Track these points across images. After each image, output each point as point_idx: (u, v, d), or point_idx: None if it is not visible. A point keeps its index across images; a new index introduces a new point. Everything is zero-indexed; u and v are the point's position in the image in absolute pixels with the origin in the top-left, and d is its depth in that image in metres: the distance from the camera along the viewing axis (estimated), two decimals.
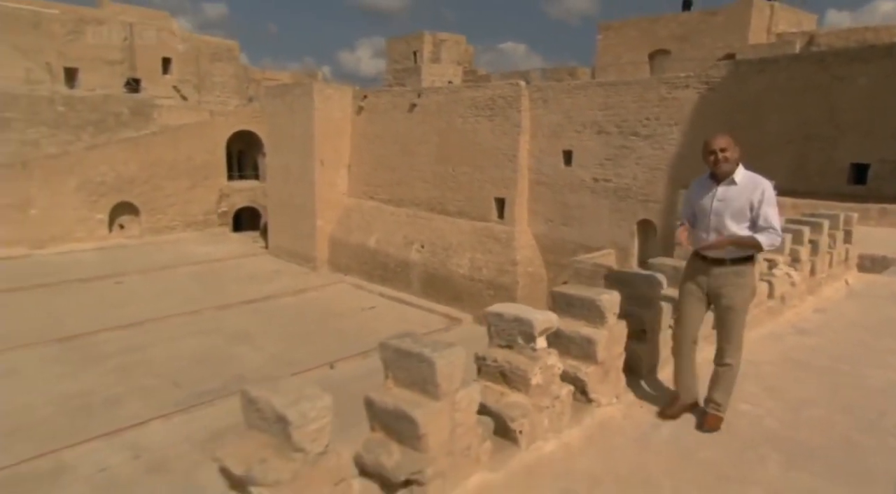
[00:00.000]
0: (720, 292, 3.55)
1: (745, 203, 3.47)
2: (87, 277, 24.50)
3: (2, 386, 15.18)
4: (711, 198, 3.57)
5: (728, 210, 3.50)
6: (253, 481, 2.20)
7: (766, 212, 3.44)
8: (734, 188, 3.51)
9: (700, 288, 3.64)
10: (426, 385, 2.79)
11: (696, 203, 3.68)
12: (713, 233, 3.55)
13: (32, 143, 27.70)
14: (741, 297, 3.57)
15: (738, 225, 3.49)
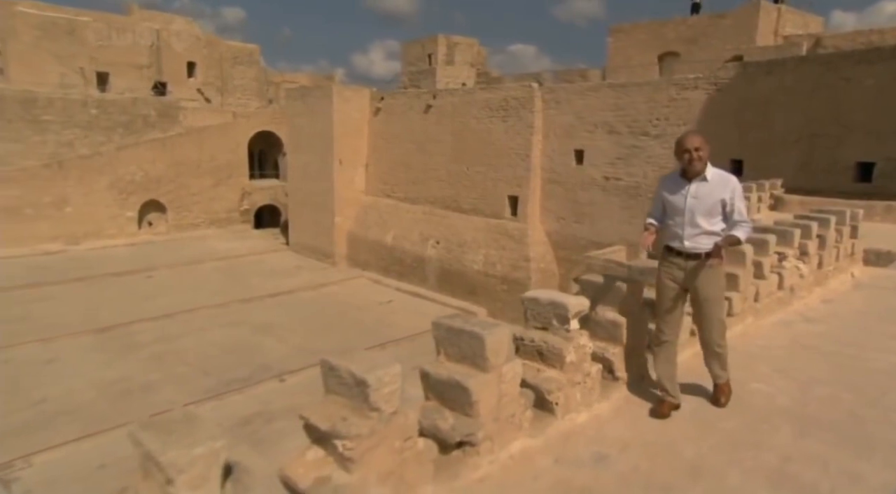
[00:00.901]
0: (697, 285, 3.61)
1: (717, 199, 3.53)
2: (120, 271, 24.98)
3: (47, 372, 15.59)
4: (685, 196, 3.60)
5: (701, 206, 3.55)
6: (337, 435, 2.50)
7: (739, 206, 3.55)
8: (706, 185, 3.56)
9: (676, 282, 3.68)
10: (476, 359, 3.07)
11: (669, 200, 3.71)
12: (688, 228, 3.59)
13: (67, 144, 28.27)
14: (716, 287, 3.65)
15: (711, 219, 3.56)
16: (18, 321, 18.78)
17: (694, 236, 3.58)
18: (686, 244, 3.60)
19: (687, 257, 3.61)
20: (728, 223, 3.56)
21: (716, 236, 3.56)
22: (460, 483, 2.85)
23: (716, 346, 3.70)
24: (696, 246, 3.57)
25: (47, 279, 23.03)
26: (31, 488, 10.76)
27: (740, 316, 5.23)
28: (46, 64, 29.68)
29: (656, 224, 3.81)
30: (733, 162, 17.02)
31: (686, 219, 3.59)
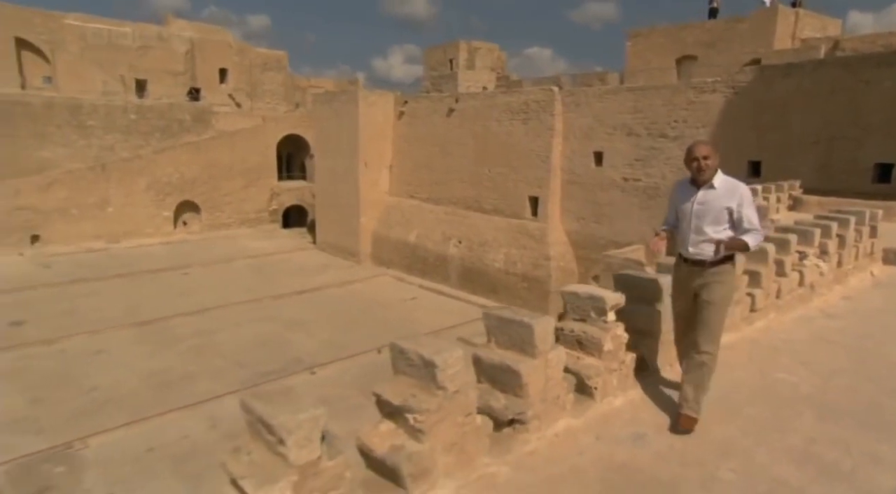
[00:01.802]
0: (701, 290, 3.58)
1: (724, 207, 3.49)
2: (158, 269, 25.65)
3: (94, 363, 16.18)
4: (692, 203, 3.59)
5: (708, 213, 3.52)
6: (409, 409, 2.77)
7: (748, 214, 3.47)
8: (713, 192, 3.53)
9: (688, 289, 3.67)
10: (525, 345, 3.32)
11: (679, 207, 3.71)
12: (693, 234, 3.57)
13: (109, 148, 29.13)
14: (719, 293, 3.57)
15: (717, 227, 3.51)
16: (68, 314, 19.49)
17: (698, 243, 3.55)
18: (690, 250, 3.60)
19: (693, 264, 3.61)
20: (738, 230, 3.49)
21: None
22: (512, 456, 3.10)
23: (700, 351, 3.55)
24: (700, 252, 3.55)
25: (92, 275, 23.80)
26: (91, 465, 11.27)
27: (763, 311, 5.40)
28: (90, 72, 30.63)
29: (668, 228, 3.82)
30: (751, 163, 16.99)
31: (692, 226, 3.58)
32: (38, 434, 12.29)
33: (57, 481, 10.87)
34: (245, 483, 2.22)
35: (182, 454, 12.43)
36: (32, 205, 26.15)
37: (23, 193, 25.79)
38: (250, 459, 2.34)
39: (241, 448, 2.41)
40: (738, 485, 2.90)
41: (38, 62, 30.28)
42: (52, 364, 15.92)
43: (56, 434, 12.35)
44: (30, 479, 10.84)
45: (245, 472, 2.27)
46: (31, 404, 13.61)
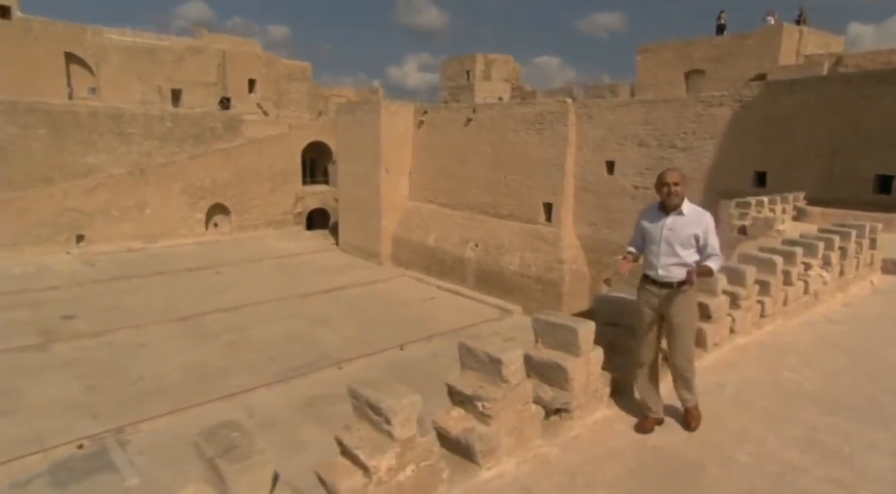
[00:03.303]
0: (671, 312, 3.65)
1: (691, 233, 3.59)
2: (192, 267, 26.32)
3: (139, 355, 16.80)
4: (661, 228, 3.67)
5: (677, 239, 3.61)
6: (478, 398, 3.22)
7: (713, 241, 3.61)
8: (682, 219, 3.62)
9: (653, 309, 3.73)
10: (570, 346, 3.74)
11: (647, 231, 3.78)
12: (662, 257, 3.65)
13: (147, 154, 29.93)
14: (687, 314, 3.69)
15: (684, 251, 3.61)
16: (113, 310, 20.18)
17: (667, 266, 3.64)
18: (660, 272, 3.67)
19: (661, 285, 3.67)
20: (702, 256, 3.62)
21: (688, 266, 3.61)
22: (560, 439, 3.53)
23: (683, 370, 3.72)
24: (669, 274, 3.63)
25: (133, 273, 24.55)
26: (141, 450, 11.83)
27: (771, 317, 5.78)
28: (130, 83, 31.51)
29: (635, 252, 3.89)
30: (757, 173, 17.24)
31: (661, 250, 3.66)
32: (94, 418, 12.90)
33: (114, 461, 11.45)
34: (359, 453, 2.68)
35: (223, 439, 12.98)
36: (78, 207, 27.02)
37: (70, 196, 26.68)
38: (360, 434, 2.80)
39: (352, 425, 2.88)
40: (752, 466, 3.31)
41: (84, 74, 31.21)
42: (102, 355, 16.57)
43: (109, 419, 12.95)
44: (90, 460, 11.42)
45: (358, 444, 2.73)
46: (86, 391, 14.24)
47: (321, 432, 12.68)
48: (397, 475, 2.72)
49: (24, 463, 10.82)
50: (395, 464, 2.71)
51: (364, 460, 2.65)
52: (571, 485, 3.12)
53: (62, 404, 13.39)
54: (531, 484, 3.10)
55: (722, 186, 17.51)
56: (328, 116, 39.21)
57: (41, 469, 10.81)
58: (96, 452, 11.77)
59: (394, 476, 2.71)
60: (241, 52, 37.20)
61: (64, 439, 11.81)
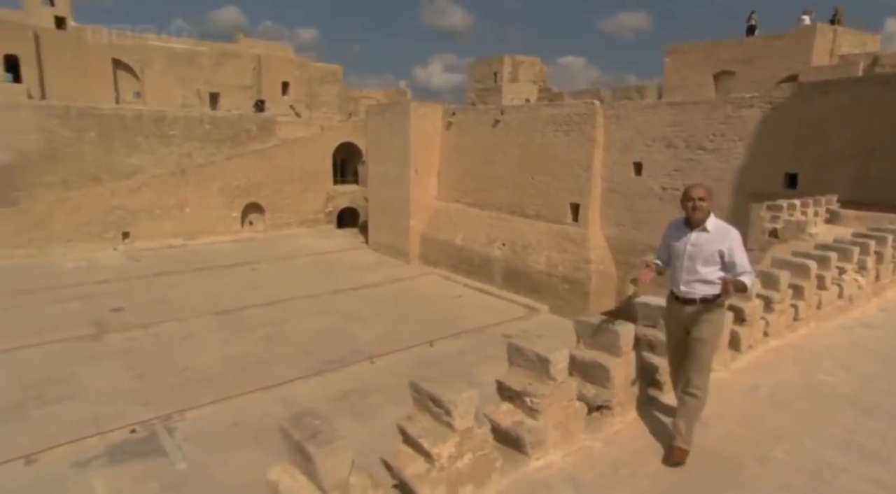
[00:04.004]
0: (692, 328, 3.60)
1: (715, 249, 3.50)
2: (230, 264, 26.99)
3: (183, 346, 17.37)
4: (685, 243, 3.60)
5: (700, 255, 3.53)
6: (527, 394, 3.41)
7: (741, 258, 3.49)
8: (706, 235, 3.54)
9: (678, 326, 3.70)
10: (611, 347, 3.90)
11: (672, 246, 3.72)
12: (685, 274, 3.59)
13: (187, 155, 30.85)
14: (709, 331, 3.58)
15: (708, 268, 3.52)
16: (158, 303, 20.93)
17: (690, 282, 3.57)
18: (682, 289, 3.61)
19: (684, 302, 3.62)
20: (730, 273, 3.49)
21: (711, 284, 3.52)
22: (602, 434, 3.69)
23: (692, 387, 3.56)
24: (691, 291, 3.57)
25: (175, 269, 25.37)
26: (188, 437, 12.32)
27: (804, 321, 5.80)
28: (172, 87, 32.56)
29: (660, 264, 3.84)
30: (788, 175, 16.91)
31: (684, 266, 3.59)
32: (145, 405, 13.47)
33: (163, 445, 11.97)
34: (423, 441, 2.90)
35: (263, 429, 13.23)
36: (124, 206, 28.08)
37: (117, 195, 27.75)
38: (422, 425, 3.02)
39: (413, 416, 3.09)
40: (789, 463, 3.41)
41: (130, 79, 32.39)
42: (150, 346, 17.24)
43: (158, 406, 13.49)
44: (142, 443, 11.97)
45: (421, 433, 2.95)
46: (137, 379, 14.86)
47: (355, 424, 12.98)
48: (456, 462, 2.93)
49: (84, 445, 11.42)
50: (455, 452, 2.92)
51: (427, 448, 2.87)
52: (615, 477, 3.28)
53: (115, 391, 14.03)
54: (577, 475, 3.27)
55: (751, 188, 17.24)
56: (358, 117, 39.73)
57: (98, 450, 11.38)
58: (147, 437, 12.29)
59: (453, 463, 2.91)
60: (276, 56, 37.99)
61: (118, 423, 12.39)
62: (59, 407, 12.93)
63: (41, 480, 10.18)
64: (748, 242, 12.58)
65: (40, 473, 10.40)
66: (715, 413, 4.04)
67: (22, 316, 18.89)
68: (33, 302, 20.20)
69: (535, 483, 3.16)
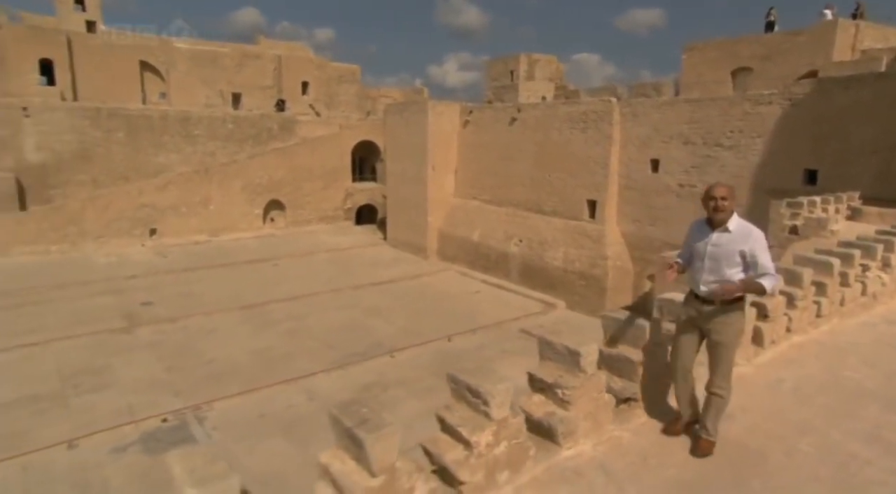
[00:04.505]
0: (710, 329, 3.54)
1: (737, 250, 3.43)
2: (253, 260, 27.36)
3: (210, 339, 17.72)
4: (706, 244, 3.54)
5: (721, 255, 3.47)
6: (559, 386, 3.50)
7: (763, 259, 3.40)
8: (727, 235, 3.47)
9: (694, 324, 3.64)
10: (638, 341, 3.97)
11: (693, 246, 3.65)
12: (706, 274, 3.53)
13: (210, 154, 31.36)
14: (728, 334, 3.53)
15: (731, 269, 3.46)
16: (185, 297, 21.38)
17: (710, 283, 3.51)
18: (702, 289, 3.55)
19: (703, 302, 3.55)
20: (752, 274, 3.43)
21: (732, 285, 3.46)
22: (630, 425, 3.77)
23: (716, 388, 3.58)
24: (711, 292, 3.51)
25: (200, 264, 25.83)
26: (216, 426, 12.63)
27: (827, 317, 5.79)
28: (196, 88, 33.07)
29: (682, 263, 3.78)
30: (807, 171, 16.66)
31: (706, 266, 3.53)
32: (175, 395, 13.82)
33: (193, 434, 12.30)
34: (462, 430, 3.01)
35: (289, 420, 13.55)
36: (151, 203, 28.67)
37: (145, 193, 28.34)
38: (460, 414, 3.13)
39: (451, 406, 3.21)
40: (815, 456, 3.46)
41: (156, 80, 32.98)
42: (178, 338, 17.64)
43: (188, 397, 13.81)
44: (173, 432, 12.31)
45: (459, 422, 3.06)
46: (167, 371, 15.25)
47: None
48: (493, 449, 3.04)
49: (121, 432, 11.80)
50: (492, 440, 3.03)
51: (466, 436, 2.98)
52: (643, 465, 3.37)
53: (147, 381, 14.42)
54: (607, 463, 3.36)
55: (770, 185, 17.02)
56: (376, 116, 39.91)
57: (134, 438, 11.75)
58: (178, 426, 12.63)
59: (490, 451, 3.03)
60: (295, 57, 38.33)
61: (151, 412, 12.75)
62: (96, 397, 13.35)
63: (82, 464, 10.56)
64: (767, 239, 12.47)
65: (81, 457, 10.79)
66: (739, 407, 4.09)
67: (59, 309, 19.47)
68: (69, 296, 20.80)
69: (567, 471, 3.26)
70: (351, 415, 2.72)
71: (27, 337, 16.62)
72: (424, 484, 2.74)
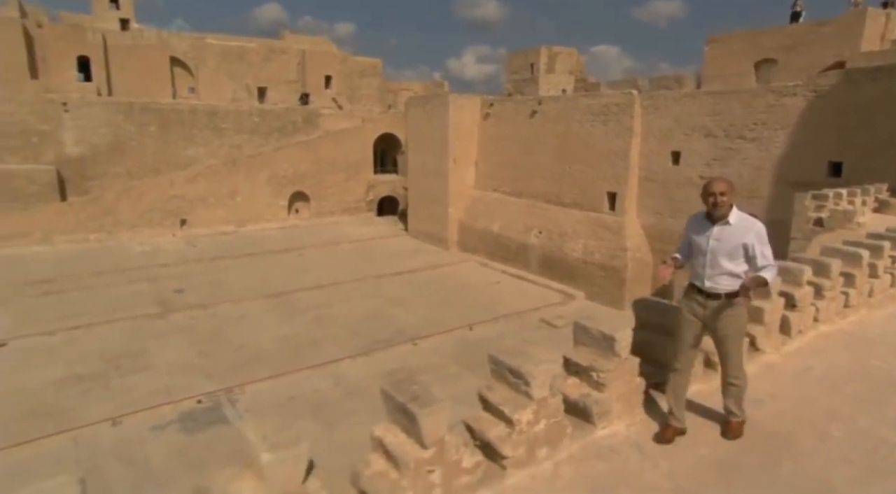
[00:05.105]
0: (717, 323, 3.50)
1: (739, 243, 3.40)
2: (278, 249, 27.74)
3: (239, 326, 18.10)
4: (708, 238, 3.50)
5: (723, 249, 3.43)
6: (594, 369, 3.60)
7: (764, 251, 3.39)
8: (728, 229, 3.44)
9: (697, 318, 3.58)
10: (669, 327, 4.03)
11: (694, 240, 3.63)
12: (709, 269, 3.49)
13: (237, 147, 31.83)
14: (736, 327, 3.52)
15: (732, 262, 3.42)
16: (214, 285, 21.85)
17: (714, 276, 3.47)
18: (706, 284, 3.51)
19: (707, 296, 3.51)
20: (752, 266, 3.41)
21: (736, 277, 3.43)
22: (661, 408, 3.85)
23: (732, 378, 3.60)
24: (716, 286, 3.47)
25: (228, 254, 26.34)
26: (249, 408, 12.99)
27: (855, 308, 5.76)
28: (223, 83, 33.54)
29: (680, 259, 3.75)
30: (832, 164, 16.31)
31: (708, 260, 3.49)
32: (208, 378, 14.23)
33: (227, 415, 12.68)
34: (504, 408, 3.14)
35: (316, 403, 13.85)
36: (182, 195, 29.28)
37: (175, 185, 28.95)
38: (501, 394, 3.25)
39: (492, 386, 3.33)
40: (845, 441, 3.50)
41: (185, 75, 33.52)
42: (209, 324, 18.09)
43: (220, 380, 14.20)
44: (208, 413, 12.71)
45: (501, 401, 3.18)
46: (200, 355, 15.68)
47: None
48: (534, 427, 3.16)
49: (160, 412, 12.24)
50: (532, 418, 3.15)
51: (508, 414, 3.10)
52: (676, 445, 3.45)
53: (182, 365, 14.87)
54: (640, 442, 3.46)
55: (793, 177, 16.70)
56: (397, 109, 39.94)
57: (172, 417, 12.18)
58: (212, 407, 13.02)
59: (531, 428, 3.15)
60: (319, 51, 38.52)
61: (187, 394, 13.17)
62: (136, 378, 13.84)
63: (126, 440, 11.01)
64: (791, 231, 12.28)
65: (125, 434, 11.25)
66: (768, 393, 4.14)
67: (98, 295, 20.12)
68: (107, 283, 21.47)
69: (603, 449, 3.37)
70: (403, 392, 2.86)
71: (71, 321, 17.26)
72: (471, 457, 2.88)
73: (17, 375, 13.72)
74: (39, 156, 26.75)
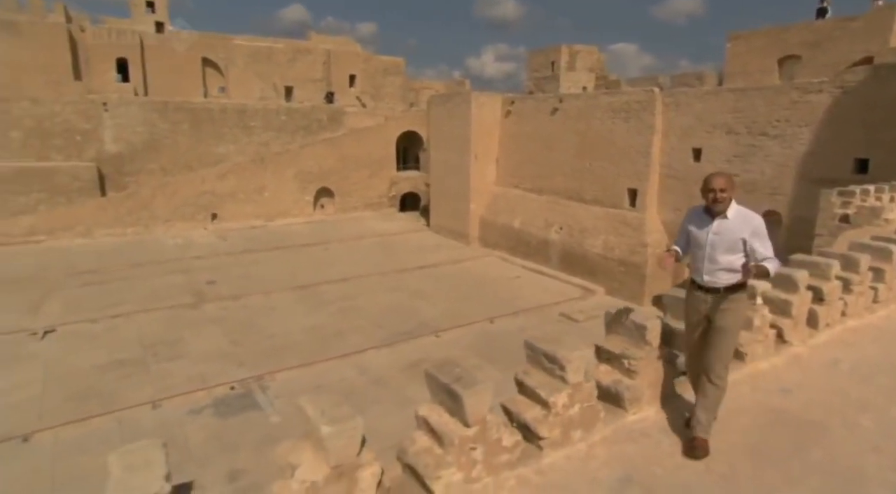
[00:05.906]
0: (715, 316, 3.45)
1: (738, 237, 3.36)
2: (305, 243, 28.13)
3: (269, 316, 18.47)
4: (707, 232, 3.45)
5: (723, 244, 3.39)
6: (626, 356, 3.66)
7: (764, 244, 3.34)
8: (727, 222, 3.39)
9: (700, 314, 3.52)
10: None
11: (693, 234, 3.57)
12: (707, 263, 3.44)
13: (265, 144, 32.35)
14: (731, 320, 3.44)
15: (732, 256, 3.37)
16: (245, 278, 22.31)
17: (713, 271, 3.42)
18: (705, 278, 3.46)
19: (707, 291, 3.46)
20: (753, 260, 3.33)
21: (735, 272, 3.36)
22: (690, 395, 3.89)
23: (713, 376, 3.43)
24: (715, 280, 3.42)
25: (257, 247, 26.85)
26: (278, 395, 13.29)
27: (884, 303, 5.68)
28: (252, 82, 34.11)
29: (678, 250, 3.70)
30: (858, 161, 15.90)
31: (706, 254, 3.44)
32: (240, 366, 14.59)
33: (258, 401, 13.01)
34: (540, 391, 3.23)
35: (343, 392, 14.06)
36: (212, 190, 29.92)
37: (206, 181, 29.60)
38: (537, 378, 3.34)
39: (528, 371, 3.42)
40: (875, 430, 3.50)
41: (216, 75, 34.18)
42: (241, 315, 18.51)
43: (252, 368, 14.54)
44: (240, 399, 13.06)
45: (538, 385, 3.27)
46: (232, 344, 16.08)
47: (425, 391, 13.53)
48: (569, 410, 3.24)
49: (195, 397, 12.63)
50: (567, 402, 3.23)
51: (544, 397, 3.19)
52: None
53: (215, 353, 15.28)
54: (671, 427, 3.51)
55: (817, 174, 16.33)
56: (419, 107, 40.06)
57: (207, 402, 12.55)
58: (244, 393, 13.37)
59: (566, 411, 3.23)
60: (343, 51, 38.84)
61: (220, 380, 13.54)
62: (173, 364, 14.28)
63: (166, 422, 11.41)
64: (816, 227, 12.03)
65: (164, 416, 11.65)
66: (795, 383, 4.14)
67: (136, 285, 20.76)
68: (144, 274, 22.12)
69: (635, 432, 3.43)
70: (447, 373, 2.97)
71: (112, 309, 17.87)
72: (510, 437, 2.98)
73: (67, 359, 14.32)
74: (82, 154, 27.66)
